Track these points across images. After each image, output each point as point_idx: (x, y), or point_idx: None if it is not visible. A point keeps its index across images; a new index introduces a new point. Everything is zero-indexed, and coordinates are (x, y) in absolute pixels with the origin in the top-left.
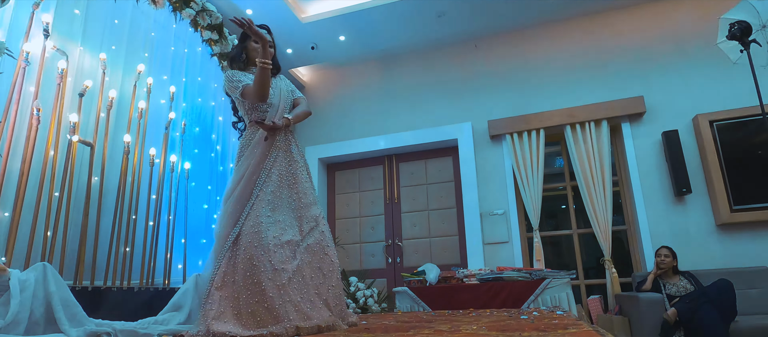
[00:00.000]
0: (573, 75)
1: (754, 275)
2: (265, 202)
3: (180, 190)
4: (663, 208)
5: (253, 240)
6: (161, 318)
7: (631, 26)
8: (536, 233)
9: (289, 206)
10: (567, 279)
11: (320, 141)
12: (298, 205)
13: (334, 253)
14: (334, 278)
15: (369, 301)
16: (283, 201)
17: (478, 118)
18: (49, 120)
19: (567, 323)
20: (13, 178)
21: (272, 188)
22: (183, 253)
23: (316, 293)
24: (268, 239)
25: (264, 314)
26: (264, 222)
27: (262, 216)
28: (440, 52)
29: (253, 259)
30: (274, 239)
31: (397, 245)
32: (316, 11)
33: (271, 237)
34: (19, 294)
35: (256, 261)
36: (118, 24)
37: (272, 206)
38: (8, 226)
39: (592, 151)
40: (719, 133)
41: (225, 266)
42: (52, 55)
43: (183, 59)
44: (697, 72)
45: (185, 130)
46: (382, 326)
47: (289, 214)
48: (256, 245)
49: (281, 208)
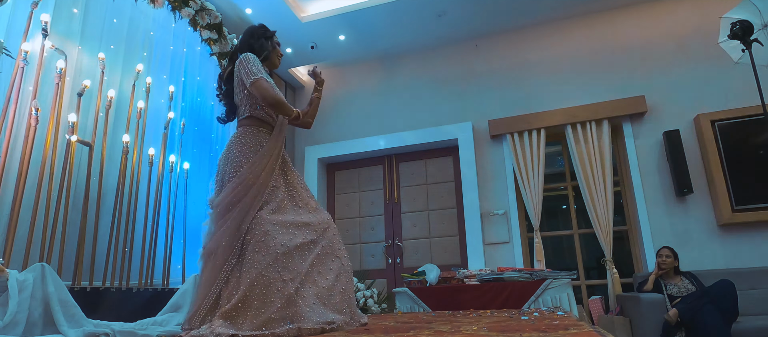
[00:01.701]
0: (574, 74)
1: (755, 275)
2: (272, 209)
3: (179, 190)
4: (664, 208)
5: (261, 250)
6: (160, 319)
7: (633, 25)
8: (537, 234)
9: (296, 212)
10: (568, 280)
11: (320, 141)
12: (306, 209)
13: (345, 255)
14: (344, 280)
15: (369, 301)
16: (290, 208)
17: (479, 117)
18: (47, 120)
19: (568, 324)
20: (11, 178)
21: (281, 195)
22: (182, 253)
23: (329, 296)
24: (276, 249)
25: (269, 325)
26: (271, 231)
27: (268, 224)
28: (440, 51)
29: (261, 271)
30: (282, 247)
31: (397, 245)
32: (315, 10)
33: (279, 245)
34: (17, 295)
35: (265, 272)
36: (117, 23)
37: (280, 213)
38: (6, 226)
39: (593, 151)
40: (721, 133)
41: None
42: (50, 54)
43: (182, 59)
44: (699, 71)
45: (184, 130)
46: (382, 327)
47: (296, 221)
48: (264, 255)
49: (288, 215)
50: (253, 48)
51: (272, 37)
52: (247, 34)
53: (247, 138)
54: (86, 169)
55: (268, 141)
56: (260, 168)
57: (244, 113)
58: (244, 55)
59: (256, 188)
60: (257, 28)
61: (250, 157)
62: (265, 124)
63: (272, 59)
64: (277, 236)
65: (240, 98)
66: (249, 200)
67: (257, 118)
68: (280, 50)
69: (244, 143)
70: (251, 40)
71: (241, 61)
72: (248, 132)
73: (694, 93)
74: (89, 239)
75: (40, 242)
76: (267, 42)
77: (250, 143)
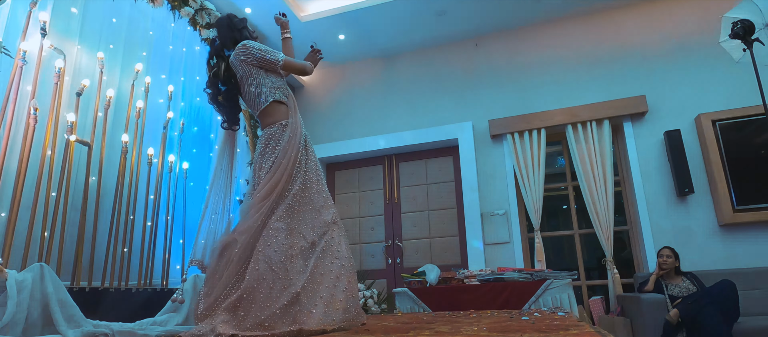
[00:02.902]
0: (574, 74)
1: (757, 275)
2: (285, 206)
3: (178, 190)
4: (665, 208)
5: (271, 245)
6: (159, 319)
7: (633, 24)
8: (537, 234)
9: (304, 210)
10: (568, 280)
11: (320, 140)
12: (312, 208)
13: (347, 255)
14: (345, 280)
15: (369, 302)
16: (299, 205)
17: (479, 117)
18: (46, 119)
19: (568, 324)
20: (10, 178)
21: (294, 191)
22: (181, 253)
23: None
24: (285, 245)
25: (272, 320)
26: (281, 227)
27: (280, 221)
28: (440, 50)
29: (271, 265)
30: (290, 246)
31: (397, 245)
32: (315, 10)
33: (287, 244)
34: (16, 295)
35: (275, 267)
36: (116, 23)
37: (291, 210)
38: (5, 226)
39: (594, 151)
40: (722, 133)
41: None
42: (49, 54)
43: (181, 58)
44: (700, 71)
45: (183, 130)
46: (382, 327)
47: (303, 219)
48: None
49: (297, 213)
50: (239, 40)
51: (247, 26)
52: (226, 28)
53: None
54: (85, 169)
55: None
56: (288, 161)
57: (265, 101)
58: (245, 44)
59: (283, 182)
60: (234, 21)
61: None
62: (283, 105)
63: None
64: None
65: (253, 90)
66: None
67: (278, 101)
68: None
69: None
70: (234, 33)
71: (249, 49)
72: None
73: (695, 93)
74: (88, 238)
75: (39, 242)
76: (246, 32)
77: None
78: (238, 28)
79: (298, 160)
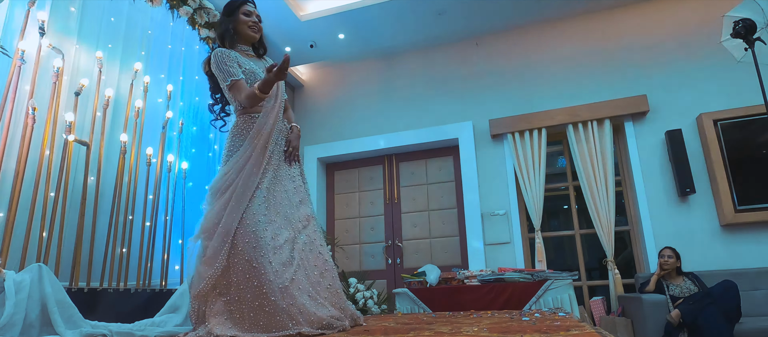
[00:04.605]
0: (575, 73)
1: (758, 276)
2: (260, 199)
3: (177, 190)
4: (666, 208)
5: (251, 241)
6: (158, 320)
7: (634, 24)
8: (538, 234)
9: (281, 204)
10: (569, 280)
11: (319, 140)
12: (289, 203)
13: (328, 252)
14: (330, 278)
15: (369, 302)
16: (276, 199)
17: (479, 117)
18: (44, 119)
19: (569, 325)
20: (8, 178)
21: (267, 184)
22: (180, 254)
23: (317, 292)
24: (266, 239)
25: (266, 318)
26: (261, 221)
27: (258, 215)
28: (440, 50)
29: (252, 261)
30: (272, 240)
31: (397, 245)
32: (315, 9)
33: (269, 238)
34: (14, 296)
35: (256, 263)
36: (115, 22)
37: (267, 204)
38: (3, 226)
39: (595, 151)
40: (723, 133)
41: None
42: (47, 53)
43: (180, 58)
44: (701, 70)
45: (182, 130)
46: (381, 328)
47: (282, 213)
48: (254, 246)
49: (274, 206)
50: (222, 38)
51: (235, 11)
52: (219, 20)
53: (241, 126)
54: (83, 169)
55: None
56: (252, 153)
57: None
58: (214, 56)
59: (246, 173)
60: (224, 9)
61: (240, 142)
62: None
63: (242, 33)
64: (267, 230)
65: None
66: (240, 185)
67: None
68: (250, 18)
69: (238, 129)
70: (220, 29)
71: (213, 61)
72: (241, 120)
73: (696, 92)
74: (87, 239)
75: (37, 243)
76: (229, 20)
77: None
78: (222, 23)
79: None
